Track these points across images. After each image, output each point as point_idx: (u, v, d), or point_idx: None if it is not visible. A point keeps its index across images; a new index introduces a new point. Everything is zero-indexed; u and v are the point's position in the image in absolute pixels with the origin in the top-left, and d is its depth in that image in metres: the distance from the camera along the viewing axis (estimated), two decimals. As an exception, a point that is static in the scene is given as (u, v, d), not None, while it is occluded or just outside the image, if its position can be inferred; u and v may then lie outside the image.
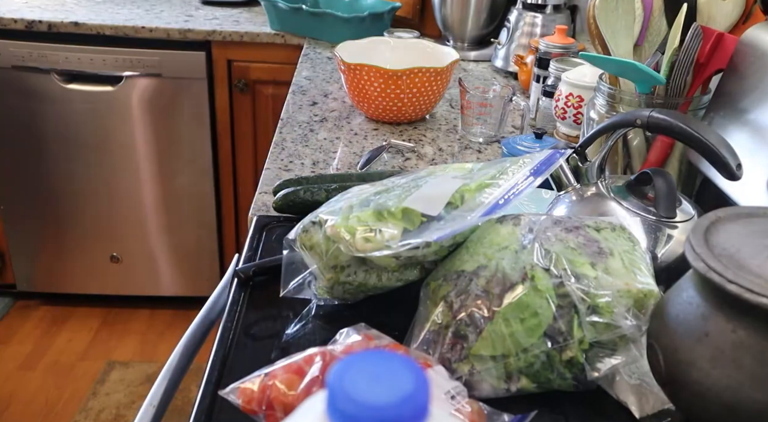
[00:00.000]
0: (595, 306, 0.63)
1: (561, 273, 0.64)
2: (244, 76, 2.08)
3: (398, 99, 1.36)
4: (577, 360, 0.63)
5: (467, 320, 0.64)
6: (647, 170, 0.85)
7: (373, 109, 1.40)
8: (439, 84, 1.38)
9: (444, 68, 1.36)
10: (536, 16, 1.78)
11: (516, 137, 1.19)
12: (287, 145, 1.31)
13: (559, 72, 1.33)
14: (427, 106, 1.41)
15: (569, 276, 0.63)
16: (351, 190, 0.77)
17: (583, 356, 0.63)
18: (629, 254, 0.67)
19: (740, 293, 0.52)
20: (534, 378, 0.65)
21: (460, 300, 0.66)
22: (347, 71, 1.38)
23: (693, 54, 0.92)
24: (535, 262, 0.65)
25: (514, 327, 0.63)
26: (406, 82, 1.34)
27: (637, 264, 0.66)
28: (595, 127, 0.87)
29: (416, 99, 1.37)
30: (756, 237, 0.57)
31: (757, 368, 0.53)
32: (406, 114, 1.40)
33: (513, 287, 0.64)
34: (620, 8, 0.99)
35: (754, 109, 0.85)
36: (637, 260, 0.67)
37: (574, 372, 0.64)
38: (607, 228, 0.70)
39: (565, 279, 0.63)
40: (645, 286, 0.64)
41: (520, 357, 0.63)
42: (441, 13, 1.97)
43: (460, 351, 0.65)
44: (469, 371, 0.64)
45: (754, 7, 0.94)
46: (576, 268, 0.64)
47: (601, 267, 0.64)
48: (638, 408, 0.66)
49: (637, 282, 0.64)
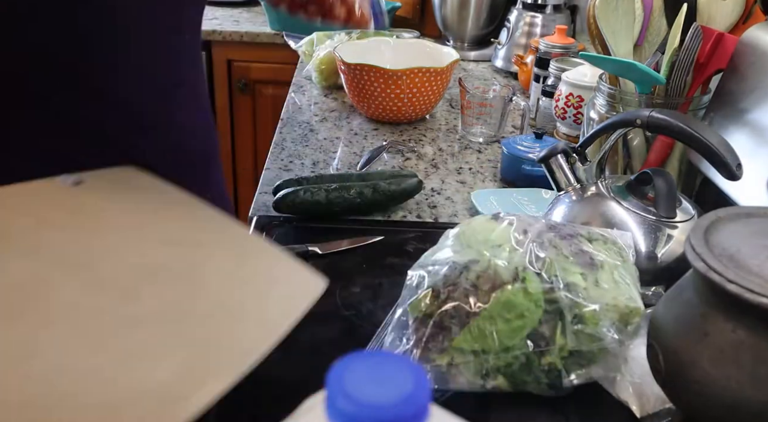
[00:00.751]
0: (582, 316, 0.63)
1: (552, 280, 0.64)
2: (244, 76, 2.08)
3: (398, 99, 1.36)
4: (555, 366, 0.64)
5: (452, 312, 0.64)
6: (647, 170, 0.85)
7: (373, 109, 1.40)
8: (440, 84, 1.38)
9: (444, 68, 1.36)
10: (536, 16, 1.78)
11: (516, 137, 1.19)
12: (287, 145, 1.31)
13: (559, 72, 1.33)
14: (427, 106, 1.41)
15: (560, 283, 0.64)
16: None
17: (562, 363, 0.63)
18: (619, 269, 0.67)
19: (740, 293, 0.52)
20: (510, 379, 0.65)
21: (447, 291, 0.65)
22: (347, 71, 1.38)
23: (693, 54, 0.92)
24: (527, 265, 0.65)
25: (499, 325, 0.63)
26: (406, 82, 1.34)
27: (626, 280, 0.67)
28: (595, 127, 0.87)
29: (416, 99, 1.37)
30: (756, 237, 0.57)
31: (757, 368, 0.53)
32: (406, 114, 1.40)
33: (503, 286, 0.64)
34: (620, 8, 0.99)
35: (754, 109, 0.85)
36: (627, 276, 0.67)
37: (550, 377, 0.64)
38: (599, 239, 0.70)
39: (556, 286, 0.63)
40: (632, 303, 0.65)
41: (500, 356, 0.63)
42: (441, 13, 1.97)
43: (441, 342, 0.64)
44: (448, 363, 0.64)
45: (754, 7, 0.94)
46: (567, 277, 0.64)
47: (591, 279, 0.65)
48: (638, 408, 0.66)
49: (625, 298, 0.65)
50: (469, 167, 1.24)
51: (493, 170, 1.23)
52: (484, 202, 1.06)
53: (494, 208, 1.04)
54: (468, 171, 1.23)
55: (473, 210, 1.07)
